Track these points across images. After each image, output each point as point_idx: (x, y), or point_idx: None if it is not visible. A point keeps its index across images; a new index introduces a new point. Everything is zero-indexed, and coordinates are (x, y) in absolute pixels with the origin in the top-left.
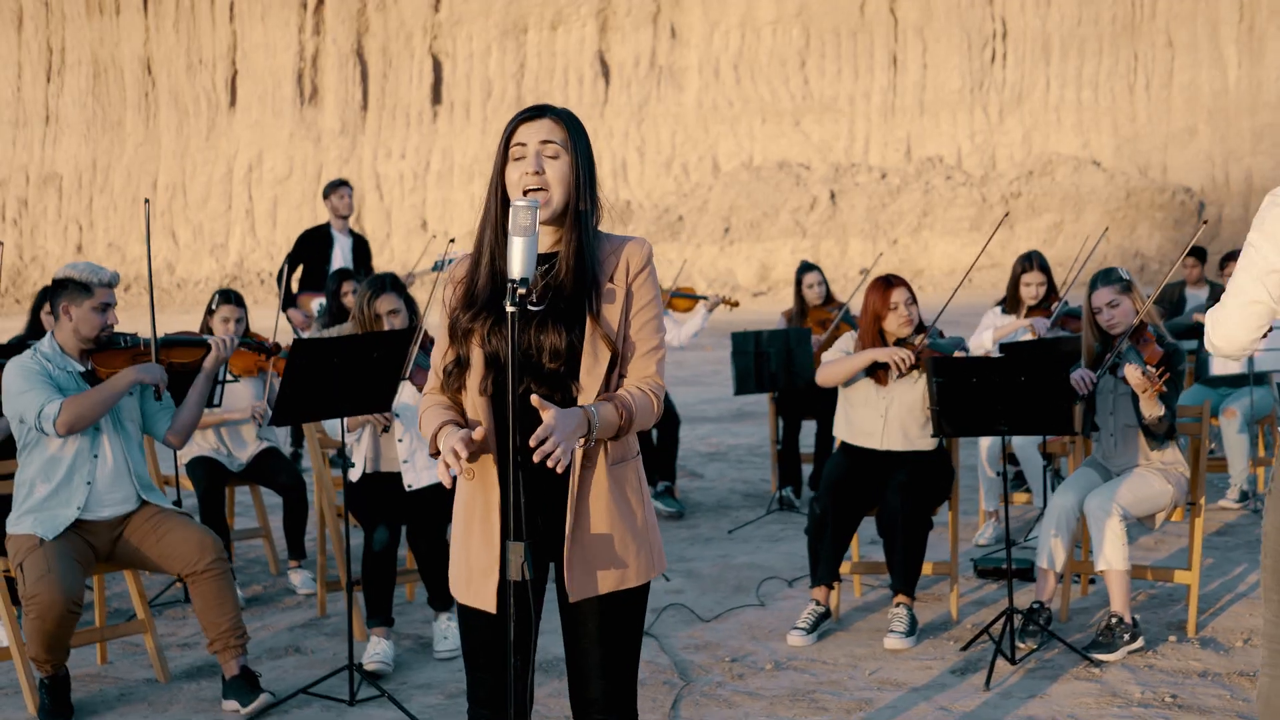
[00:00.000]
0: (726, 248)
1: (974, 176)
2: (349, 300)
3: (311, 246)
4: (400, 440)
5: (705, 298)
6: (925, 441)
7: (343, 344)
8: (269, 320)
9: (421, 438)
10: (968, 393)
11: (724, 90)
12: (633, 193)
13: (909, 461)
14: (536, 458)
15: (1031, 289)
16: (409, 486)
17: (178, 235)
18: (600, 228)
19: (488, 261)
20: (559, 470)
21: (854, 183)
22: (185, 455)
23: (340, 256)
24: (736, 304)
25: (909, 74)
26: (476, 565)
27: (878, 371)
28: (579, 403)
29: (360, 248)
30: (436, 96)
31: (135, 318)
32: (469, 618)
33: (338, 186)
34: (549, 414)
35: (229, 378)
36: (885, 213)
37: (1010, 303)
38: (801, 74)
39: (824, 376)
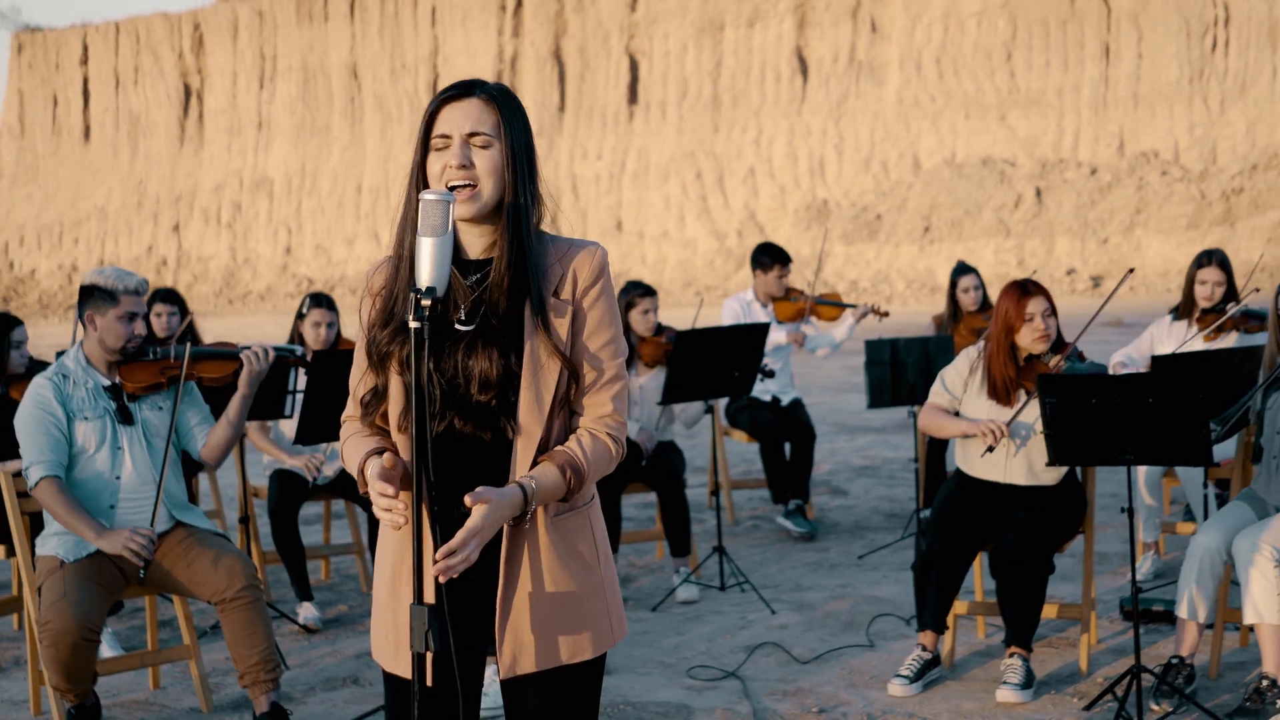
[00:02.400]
0: (926, 247)
1: (1192, 172)
2: None
3: None
4: None
5: (853, 306)
6: (1051, 475)
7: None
8: None
9: None
10: (1086, 416)
11: (926, 85)
12: (830, 191)
13: (1030, 497)
14: (435, 572)
15: (1207, 288)
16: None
17: (380, 237)
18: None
19: (408, 270)
20: (442, 579)
21: (1062, 179)
22: (268, 467)
23: None
24: (886, 314)
25: (1122, 64)
26: (402, 627)
27: (999, 392)
28: (515, 445)
29: None
30: (633, 96)
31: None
32: (394, 688)
33: None
34: (477, 515)
35: (301, 388)
36: (1095, 210)
37: (1184, 307)
38: (1007, 66)
39: (924, 424)
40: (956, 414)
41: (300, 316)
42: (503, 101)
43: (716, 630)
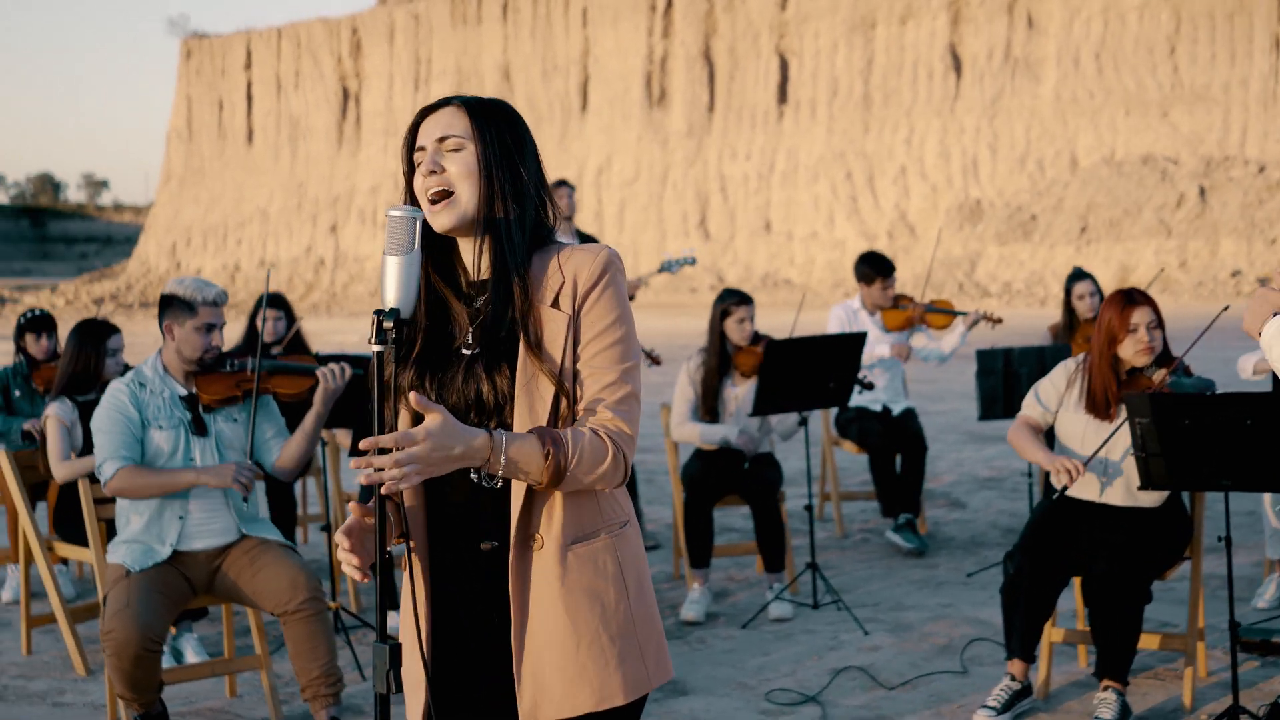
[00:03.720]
0: (1083, 248)
1: None
2: None
3: None
4: None
5: (964, 313)
6: (1151, 496)
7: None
8: None
9: None
10: (1179, 437)
11: (1084, 81)
12: (983, 191)
13: (1129, 520)
14: (354, 466)
15: None
16: None
17: None
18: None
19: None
20: (385, 490)
21: (1227, 177)
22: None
23: None
24: (999, 320)
25: None
26: (411, 675)
27: (1098, 405)
28: (513, 485)
29: None
30: (782, 95)
31: None
32: None
33: (557, 187)
34: (433, 418)
35: None
36: (1263, 210)
37: None
38: (1170, 61)
39: (1010, 439)
40: (1050, 429)
41: None
42: (476, 109)
43: (805, 651)
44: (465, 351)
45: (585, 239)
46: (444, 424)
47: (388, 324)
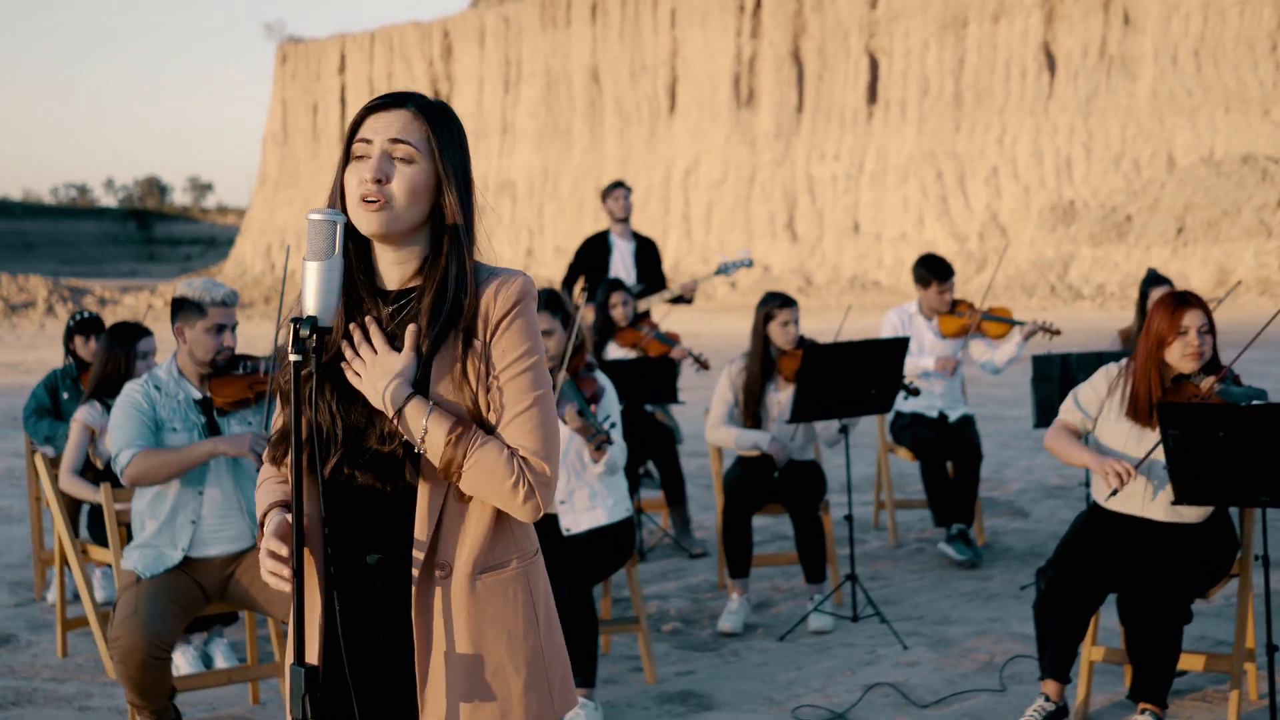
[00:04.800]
0: (1180, 249)
1: None
2: (618, 312)
3: (590, 254)
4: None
5: (1022, 323)
6: (1194, 511)
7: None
8: None
9: (580, 475)
10: (1213, 450)
11: (1182, 79)
12: (1077, 191)
13: (1170, 535)
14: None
15: None
16: (566, 531)
17: None
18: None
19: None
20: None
21: None
22: None
23: (619, 262)
24: (1058, 332)
25: None
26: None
27: (1140, 412)
28: (417, 505)
29: (645, 252)
30: (872, 95)
31: None
32: None
33: (614, 189)
34: (375, 346)
35: None
36: None
37: None
38: (1272, 58)
39: (1049, 444)
40: (1088, 435)
41: None
42: (436, 117)
43: (840, 665)
44: None
45: (643, 241)
46: (408, 360)
47: (304, 332)
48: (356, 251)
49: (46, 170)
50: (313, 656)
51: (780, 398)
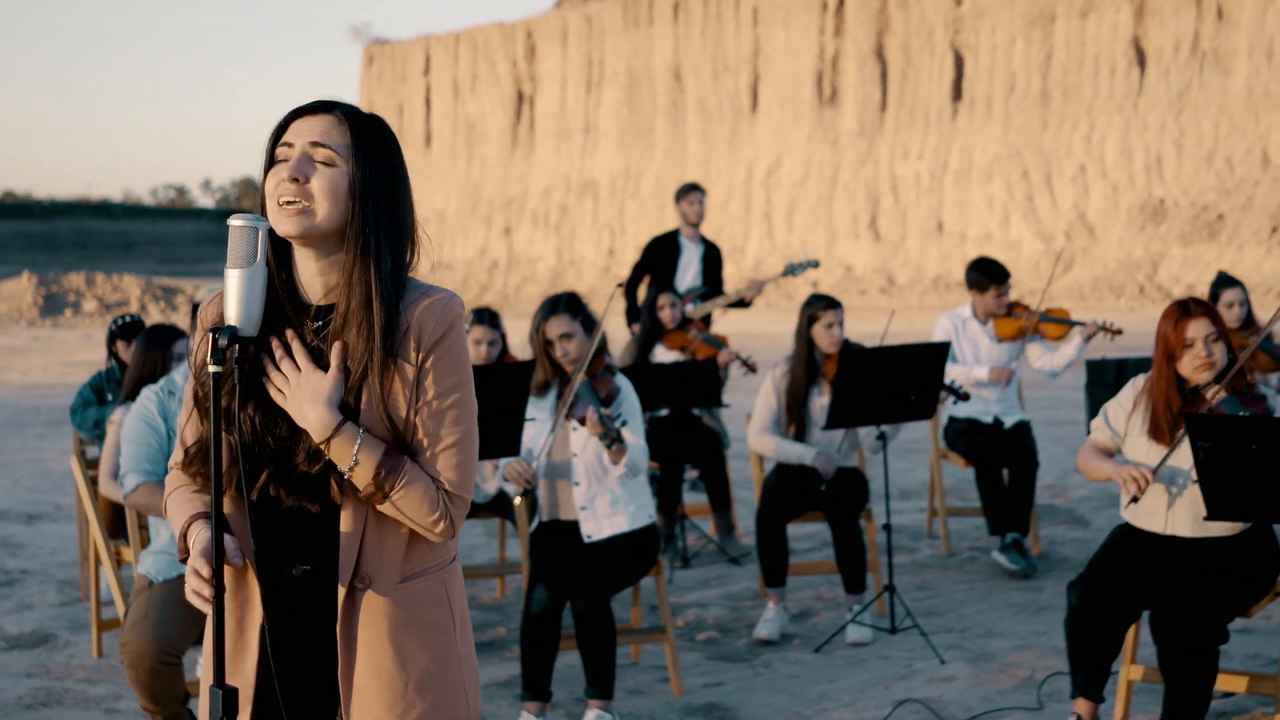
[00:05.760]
0: (1274, 249)
1: None
2: (665, 315)
3: (658, 254)
4: (577, 484)
5: (1081, 324)
6: (1224, 526)
7: None
8: None
9: (601, 480)
10: (1246, 464)
11: (1277, 74)
12: (1168, 190)
13: (1201, 552)
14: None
15: None
16: (587, 538)
17: None
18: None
19: None
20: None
21: None
22: None
23: (687, 265)
24: (1119, 332)
25: None
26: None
27: (1160, 428)
28: (342, 521)
29: (711, 256)
30: (957, 93)
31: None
32: None
33: (689, 191)
34: (299, 363)
35: None
36: None
37: None
38: None
39: (1079, 465)
40: (1119, 449)
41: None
42: (360, 125)
43: (873, 679)
44: None
45: (710, 246)
46: (334, 381)
47: (223, 342)
48: (278, 262)
49: (146, 171)
50: (249, 672)
51: (824, 402)
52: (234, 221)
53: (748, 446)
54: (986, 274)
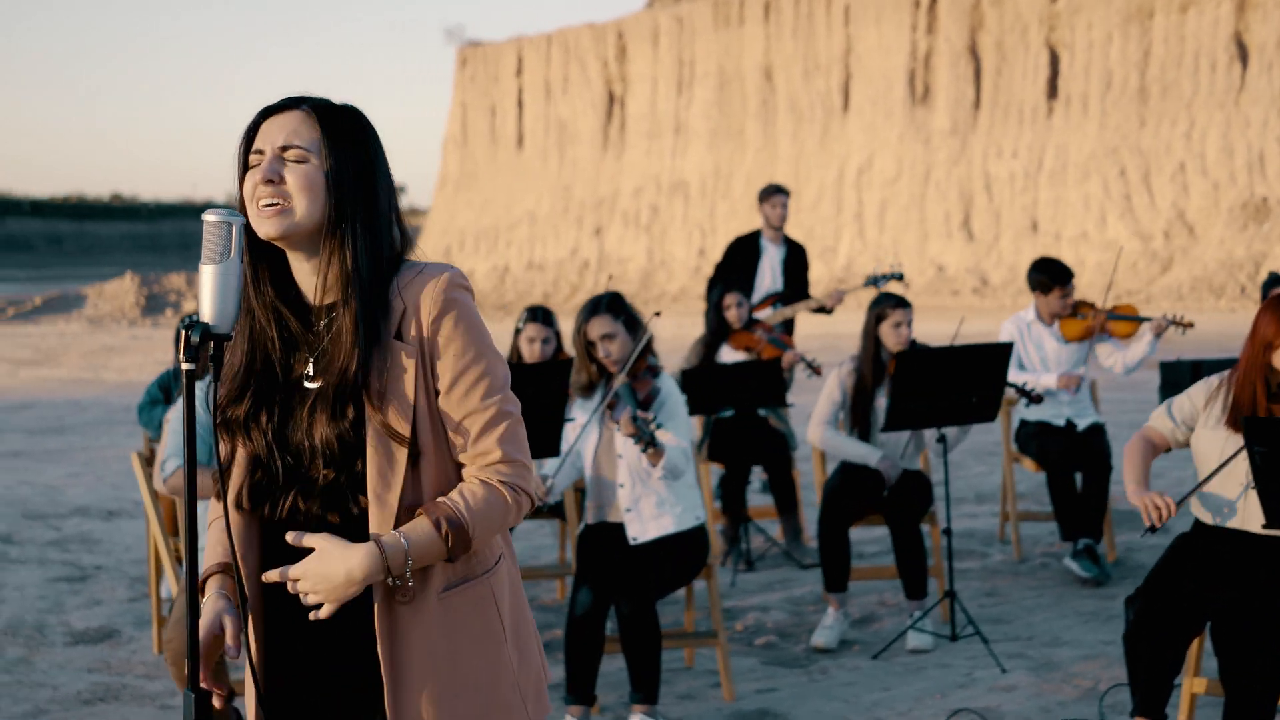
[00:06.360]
0: None
1: None
2: (732, 314)
3: (739, 256)
4: (621, 486)
5: (1149, 319)
6: None
7: None
8: None
9: (645, 482)
10: None
11: None
12: (1270, 188)
13: (1274, 550)
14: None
15: None
16: (633, 540)
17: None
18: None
19: (245, 318)
20: (319, 615)
21: None
22: None
23: (769, 267)
24: (1190, 325)
25: None
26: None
27: (1231, 410)
28: (371, 524)
29: (794, 257)
30: (1052, 90)
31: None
32: None
33: (773, 193)
34: (312, 554)
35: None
36: None
37: None
38: None
39: (1126, 449)
40: (1179, 446)
41: (517, 331)
42: (328, 117)
43: (931, 687)
44: (307, 385)
45: (793, 247)
46: (320, 558)
47: (195, 338)
48: (273, 270)
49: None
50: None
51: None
52: (208, 217)
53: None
54: (1050, 275)
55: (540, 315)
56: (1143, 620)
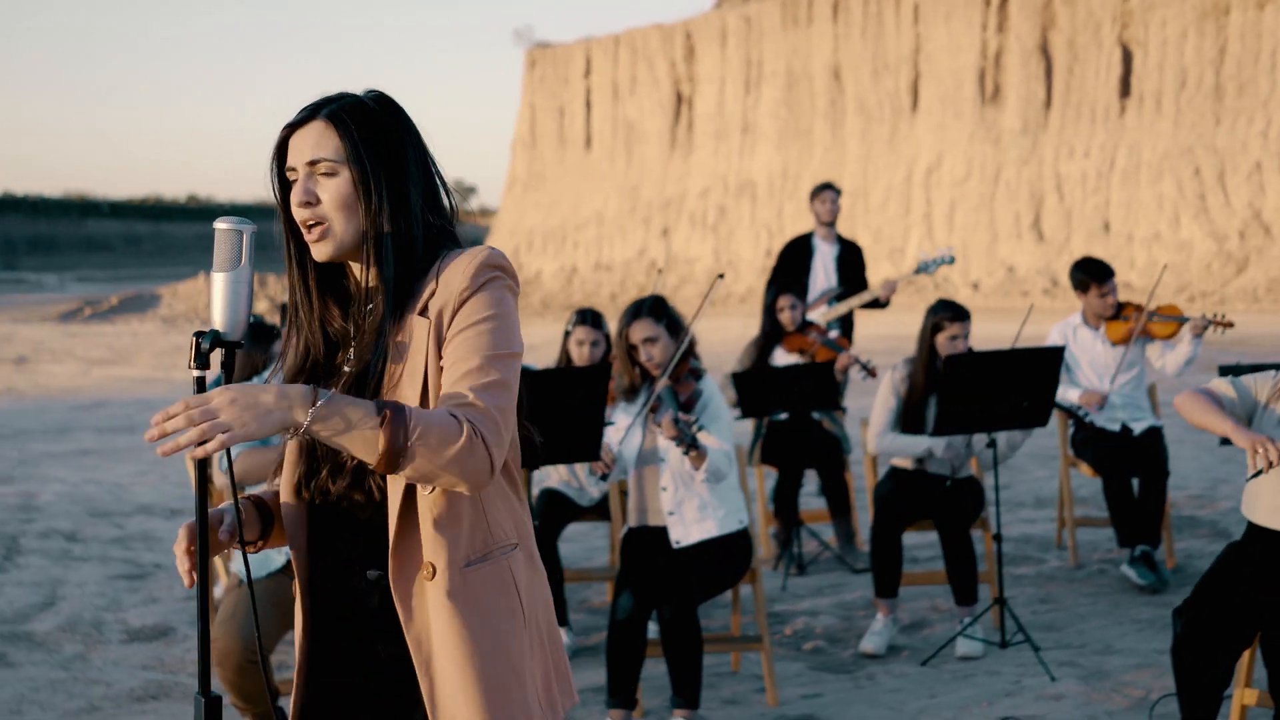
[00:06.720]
0: None
1: None
2: (785, 317)
3: (793, 258)
4: (664, 489)
5: (1188, 319)
6: None
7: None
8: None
9: (688, 485)
10: None
11: None
12: None
13: None
14: (149, 437)
15: None
16: (676, 543)
17: (858, 239)
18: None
19: (293, 319)
20: (196, 453)
21: None
22: (538, 484)
23: (821, 266)
24: (1230, 324)
25: None
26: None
27: None
28: (390, 499)
29: (848, 256)
30: (1125, 89)
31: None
32: None
33: (822, 190)
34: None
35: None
36: None
37: None
38: None
39: (1183, 404)
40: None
41: (566, 334)
42: (347, 120)
43: (978, 695)
44: (346, 369)
45: (847, 245)
46: (237, 385)
47: (205, 345)
48: (319, 272)
49: None
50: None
51: None
52: (219, 225)
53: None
54: (1088, 272)
55: (589, 318)
56: (1191, 631)
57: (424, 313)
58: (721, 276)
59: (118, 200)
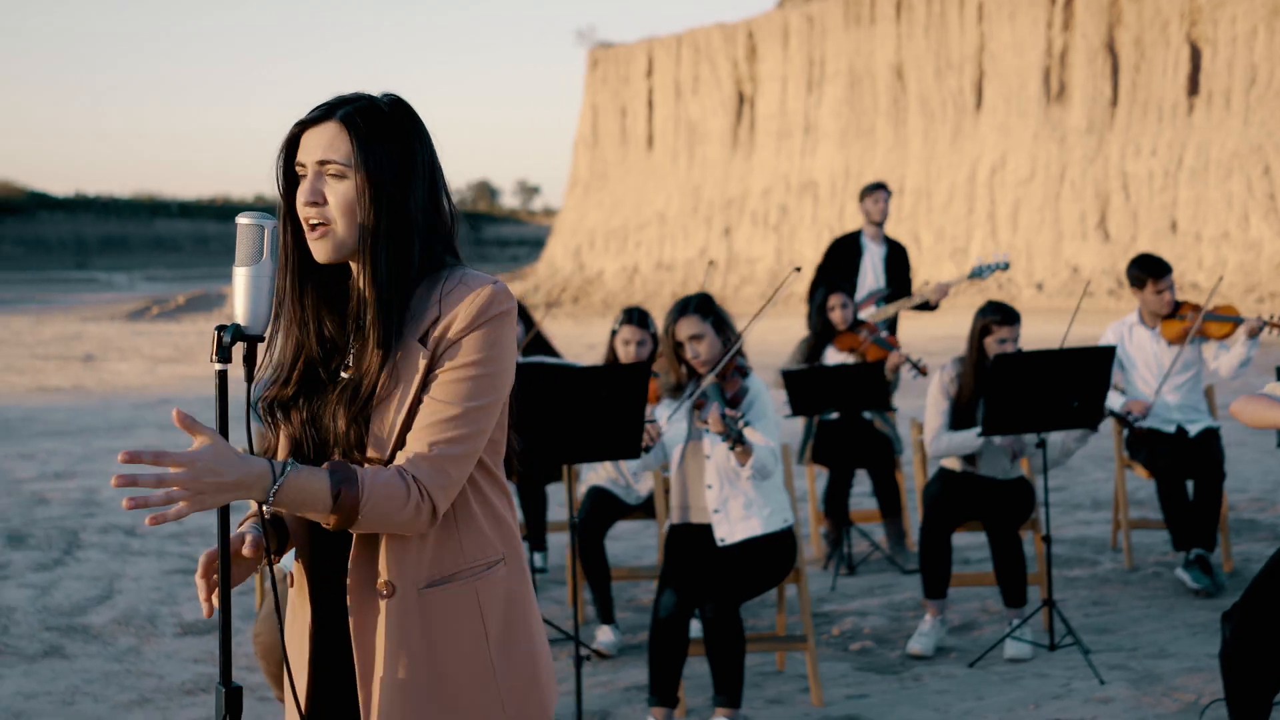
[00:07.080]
0: None
1: None
2: (836, 316)
3: (839, 256)
4: (709, 487)
5: (1243, 319)
6: None
7: (565, 376)
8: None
9: (734, 483)
10: None
11: None
12: None
13: None
14: (115, 484)
15: None
16: (721, 541)
17: (921, 239)
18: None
19: (287, 320)
20: (147, 522)
21: None
22: (585, 482)
23: (870, 266)
24: None
25: None
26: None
27: None
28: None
29: (895, 256)
30: (1193, 87)
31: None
32: None
33: (873, 190)
34: (201, 440)
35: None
36: None
37: None
38: None
39: (1242, 409)
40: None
41: (613, 333)
42: (361, 124)
43: (1025, 697)
44: (343, 374)
45: (894, 246)
46: (214, 448)
47: (227, 339)
48: (333, 273)
49: None
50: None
51: None
52: (241, 220)
53: (921, 452)
54: (1144, 268)
55: (635, 317)
56: (1240, 636)
57: (424, 340)
58: (799, 269)
59: (186, 200)
